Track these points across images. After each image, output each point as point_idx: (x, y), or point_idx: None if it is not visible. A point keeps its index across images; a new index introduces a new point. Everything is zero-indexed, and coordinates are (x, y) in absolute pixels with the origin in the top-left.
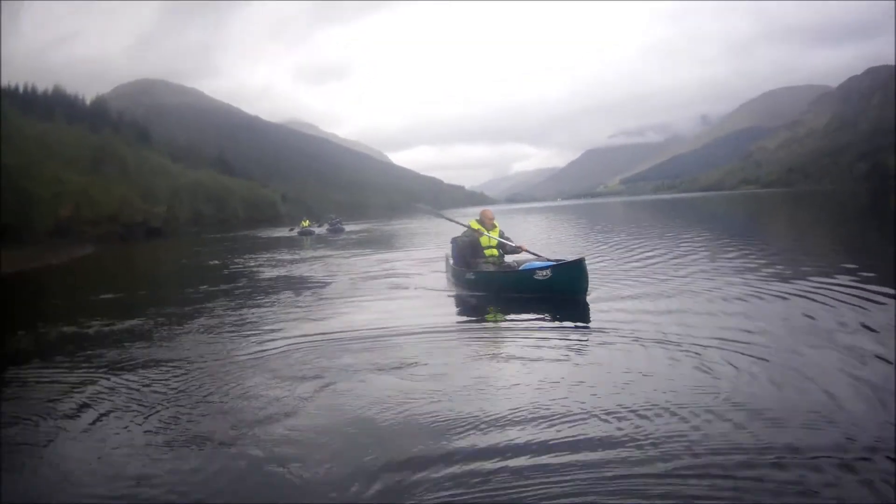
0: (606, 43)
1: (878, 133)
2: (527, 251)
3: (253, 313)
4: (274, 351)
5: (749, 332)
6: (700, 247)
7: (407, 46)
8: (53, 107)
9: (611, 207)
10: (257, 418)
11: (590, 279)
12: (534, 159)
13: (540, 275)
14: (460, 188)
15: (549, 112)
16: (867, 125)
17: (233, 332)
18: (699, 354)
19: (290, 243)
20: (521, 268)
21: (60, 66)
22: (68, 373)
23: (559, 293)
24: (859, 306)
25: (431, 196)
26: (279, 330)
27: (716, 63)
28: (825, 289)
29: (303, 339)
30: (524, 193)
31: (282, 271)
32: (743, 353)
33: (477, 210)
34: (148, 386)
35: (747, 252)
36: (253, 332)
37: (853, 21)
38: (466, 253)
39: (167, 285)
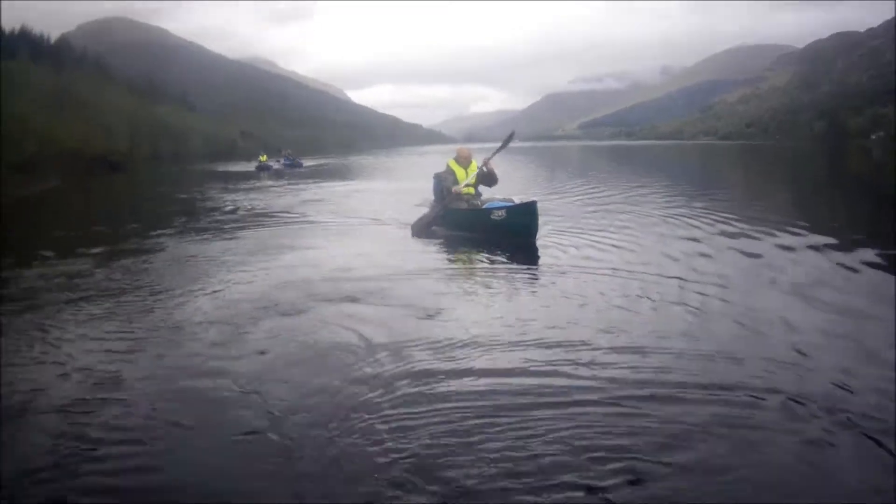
0: None
1: (838, 95)
2: (490, 168)
3: (215, 249)
4: (236, 287)
5: (697, 272)
6: (652, 193)
7: None
8: (19, 46)
9: (567, 151)
10: (219, 354)
11: (543, 220)
12: (492, 101)
13: (496, 215)
14: (418, 126)
15: (510, 55)
16: (829, 87)
17: (191, 269)
18: (639, 288)
19: (248, 177)
20: (485, 206)
21: (26, 6)
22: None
23: (512, 234)
24: (808, 259)
25: (389, 134)
26: (239, 267)
27: (678, 17)
28: (775, 237)
29: (269, 275)
30: (482, 134)
31: (241, 205)
32: (688, 290)
33: (433, 148)
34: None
35: (700, 200)
36: (217, 269)
37: None
38: (441, 190)
39: (135, 219)
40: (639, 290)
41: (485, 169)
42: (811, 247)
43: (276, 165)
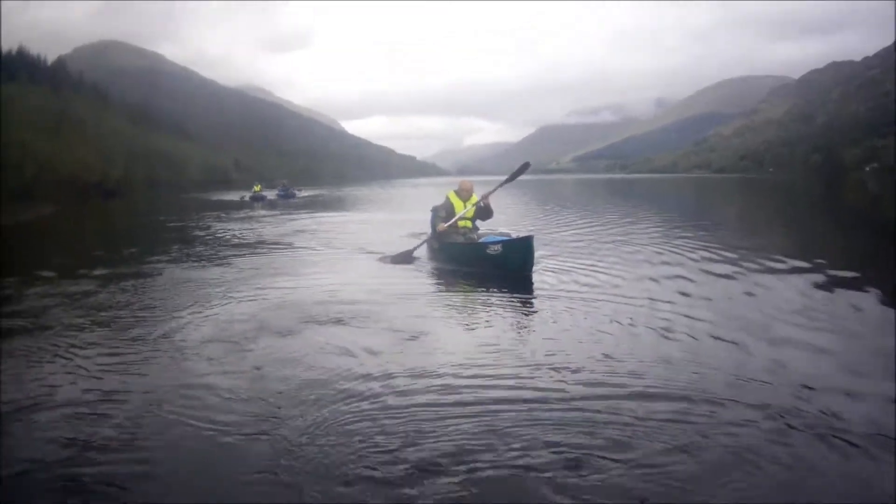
0: (567, 26)
1: (834, 127)
2: (486, 202)
3: (210, 274)
4: (224, 311)
5: (688, 303)
6: (648, 226)
7: (369, 16)
8: (18, 67)
9: (562, 185)
10: (216, 369)
11: (541, 253)
12: (487, 133)
13: (492, 249)
14: (412, 158)
15: (505, 88)
16: (825, 118)
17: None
18: (629, 317)
19: (242, 207)
20: (481, 241)
21: (23, 27)
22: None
23: (507, 269)
24: (804, 291)
25: (383, 165)
26: (236, 290)
27: (674, 50)
28: (770, 271)
29: (259, 299)
30: (475, 166)
31: (235, 234)
32: (674, 318)
33: (427, 181)
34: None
35: (696, 235)
36: (213, 292)
37: (817, 16)
38: (438, 223)
39: (132, 244)
40: (629, 318)
41: (482, 203)
42: (817, 284)
43: (270, 196)
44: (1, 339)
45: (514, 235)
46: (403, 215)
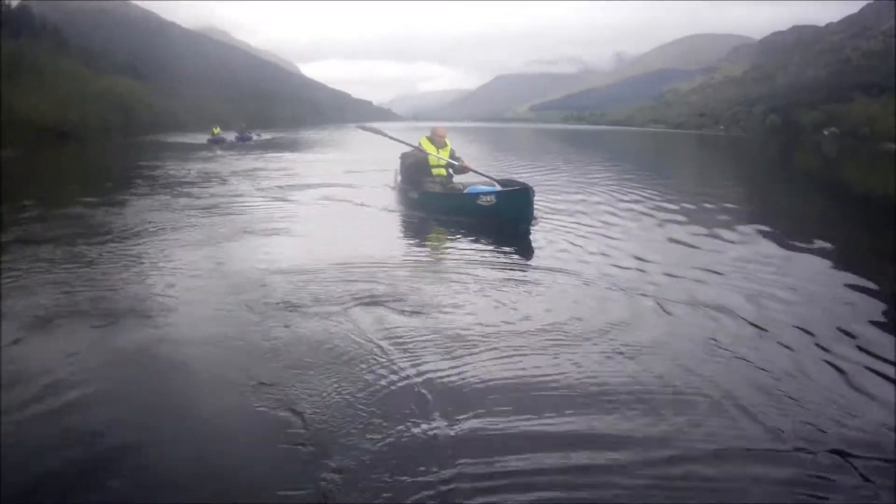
0: None
1: (794, 89)
2: (473, 170)
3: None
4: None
5: (683, 277)
6: (618, 182)
7: None
8: None
9: (521, 133)
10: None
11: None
12: (443, 80)
13: (484, 200)
14: (368, 103)
15: (461, 34)
16: (785, 80)
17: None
18: (634, 295)
19: (202, 150)
20: (466, 191)
21: None
22: None
23: (502, 220)
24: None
25: (338, 110)
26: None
27: (635, 4)
28: (753, 241)
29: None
30: (432, 113)
31: (201, 183)
32: (668, 299)
33: (382, 125)
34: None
35: (672, 196)
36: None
37: None
38: (412, 172)
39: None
40: (633, 292)
41: (463, 164)
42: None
43: (228, 138)
44: None
45: (497, 187)
46: (356, 156)
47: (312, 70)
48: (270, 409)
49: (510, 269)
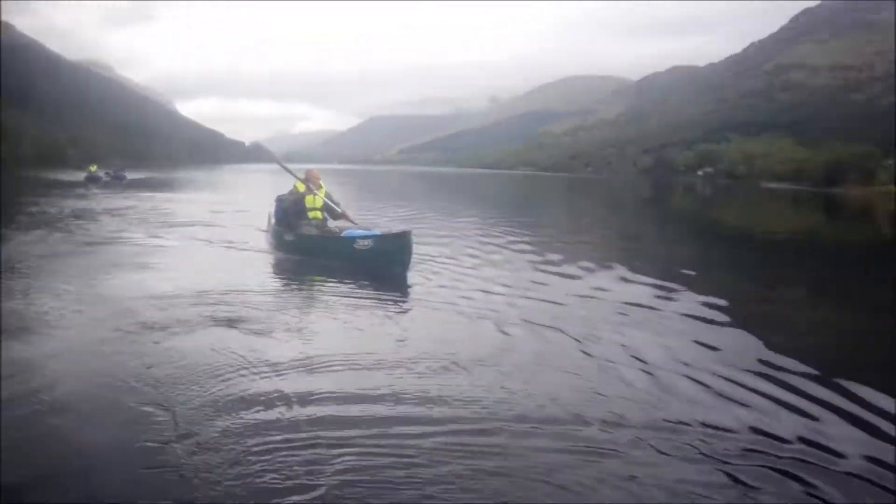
0: (402, 19)
1: (669, 129)
2: (350, 220)
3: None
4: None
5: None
6: (481, 226)
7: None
8: None
9: (389, 176)
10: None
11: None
12: (317, 120)
13: (360, 244)
14: (241, 144)
15: (337, 76)
16: (659, 121)
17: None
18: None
19: (79, 188)
20: (342, 234)
21: None
22: None
23: (379, 264)
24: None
25: (211, 149)
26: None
27: (511, 45)
28: (604, 274)
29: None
30: (304, 154)
31: (76, 220)
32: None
33: (256, 167)
34: None
35: (533, 236)
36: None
37: (667, 17)
38: (290, 213)
39: None
40: (497, 323)
41: (344, 211)
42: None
43: (104, 177)
44: None
45: (375, 231)
46: (227, 196)
47: (190, 107)
48: (141, 410)
49: (376, 302)
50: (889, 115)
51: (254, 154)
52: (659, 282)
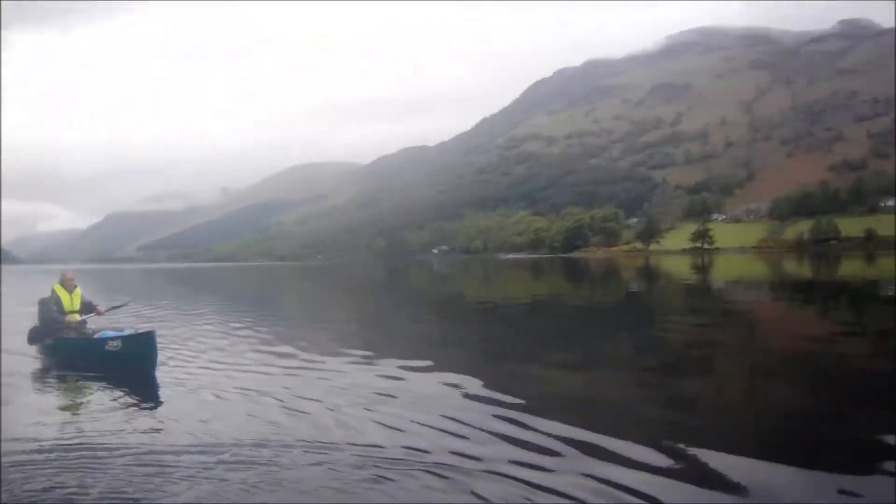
0: (136, 108)
1: (402, 211)
2: (101, 312)
3: None
4: None
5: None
6: (220, 318)
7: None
8: None
9: (129, 274)
10: None
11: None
12: (60, 220)
13: (111, 345)
14: None
15: (76, 172)
16: (391, 203)
17: None
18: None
19: None
20: (96, 336)
21: None
22: None
23: (129, 364)
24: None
25: None
26: None
27: (242, 136)
28: (350, 359)
29: None
30: (49, 254)
31: None
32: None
33: (7, 268)
34: None
35: (274, 325)
36: None
37: (395, 101)
38: (48, 319)
39: None
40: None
41: (97, 308)
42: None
43: None
44: None
45: (126, 332)
46: None
47: None
48: None
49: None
50: (631, 175)
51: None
52: (400, 362)
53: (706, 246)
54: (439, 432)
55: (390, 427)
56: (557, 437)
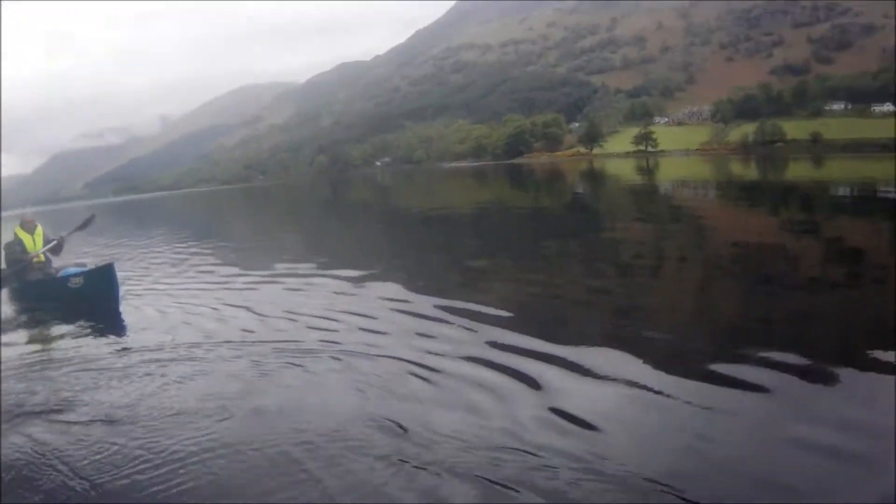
0: (74, 43)
1: (340, 126)
2: (64, 241)
3: None
4: None
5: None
6: (177, 246)
7: None
8: None
9: (78, 212)
10: None
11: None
12: (6, 167)
13: (73, 282)
14: None
15: (17, 114)
16: (330, 119)
17: None
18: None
19: None
20: (59, 274)
21: None
22: None
23: (92, 300)
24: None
25: None
26: None
27: (176, 64)
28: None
29: None
30: (7, 202)
31: None
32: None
33: None
34: None
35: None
36: None
37: (325, 18)
38: (12, 261)
39: None
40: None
41: (56, 241)
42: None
43: None
44: None
45: (89, 266)
46: None
47: None
48: None
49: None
50: (569, 80)
51: None
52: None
53: (650, 149)
54: (357, 330)
55: (314, 328)
56: (491, 343)
